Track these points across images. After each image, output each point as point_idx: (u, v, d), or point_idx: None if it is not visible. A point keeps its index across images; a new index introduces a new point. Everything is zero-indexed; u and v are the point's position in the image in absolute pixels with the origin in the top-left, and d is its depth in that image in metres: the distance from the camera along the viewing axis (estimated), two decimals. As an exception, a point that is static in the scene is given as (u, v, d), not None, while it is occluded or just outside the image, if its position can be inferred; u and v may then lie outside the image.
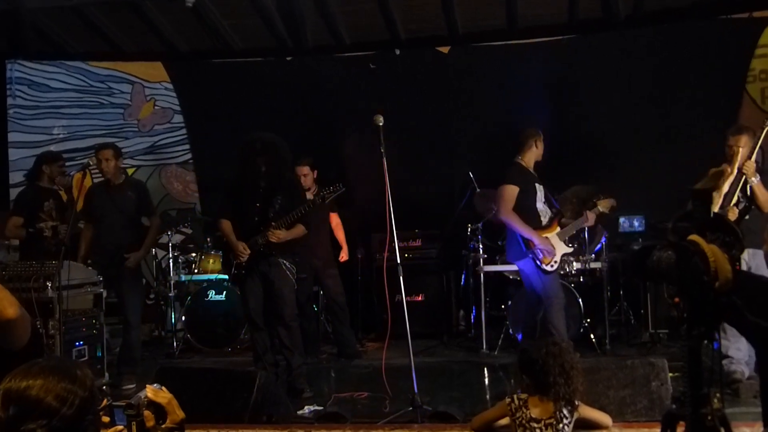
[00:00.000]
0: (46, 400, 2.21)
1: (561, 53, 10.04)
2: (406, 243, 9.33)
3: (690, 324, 2.62)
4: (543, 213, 7.24)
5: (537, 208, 7.18)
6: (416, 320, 8.04)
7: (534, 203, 7.17)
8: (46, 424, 2.20)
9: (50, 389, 2.23)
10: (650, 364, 5.22)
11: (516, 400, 4.29)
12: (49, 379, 2.25)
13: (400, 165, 7.78)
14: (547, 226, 7.21)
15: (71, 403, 2.24)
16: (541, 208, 7.23)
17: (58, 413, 2.22)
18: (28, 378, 2.25)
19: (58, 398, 2.23)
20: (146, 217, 7.90)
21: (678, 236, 2.63)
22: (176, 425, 2.43)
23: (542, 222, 7.19)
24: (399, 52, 10.52)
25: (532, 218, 7.10)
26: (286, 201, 6.80)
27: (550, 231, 7.18)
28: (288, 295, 6.81)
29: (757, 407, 5.57)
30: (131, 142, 11.13)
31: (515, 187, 7.08)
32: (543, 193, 7.32)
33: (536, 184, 7.22)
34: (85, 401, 2.29)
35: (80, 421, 2.27)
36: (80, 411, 2.26)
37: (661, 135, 9.51)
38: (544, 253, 6.99)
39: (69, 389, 2.25)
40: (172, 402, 2.44)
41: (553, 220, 7.28)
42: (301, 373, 6.84)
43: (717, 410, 2.67)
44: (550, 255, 6.99)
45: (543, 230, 7.14)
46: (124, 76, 11.20)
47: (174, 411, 2.43)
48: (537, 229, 7.09)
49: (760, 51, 9.41)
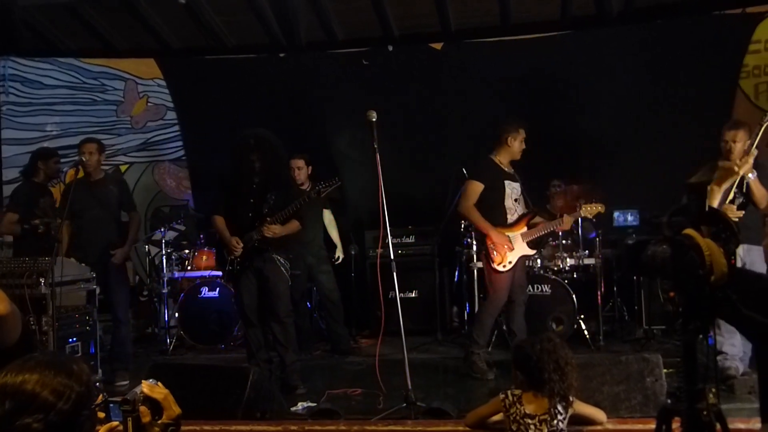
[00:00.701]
0: (42, 394, 2.19)
1: (554, 49, 10.02)
2: (400, 239, 9.32)
3: (685, 318, 2.61)
4: (511, 211, 7.24)
5: (505, 205, 7.20)
6: (410, 317, 8.06)
7: (501, 200, 7.19)
8: (42, 418, 2.18)
9: (46, 384, 2.21)
10: (645, 359, 5.22)
11: (510, 396, 4.29)
12: (45, 373, 2.23)
13: (393, 161, 7.78)
14: (512, 225, 7.22)
15: (67, 397, 2.22)
16: (510, 206, 7.24)
17: (54, 408, 2.20)
18: (24, 372, 2.23)
19: (54, 393, 2.21)
20: (125, 212, 7.91)
21: (673, 230, 2.62)
22: (172, 421, 2.41)
23: (508, 220, 7.21)
24: (392, 49, 10.50)
25: (497, 215, 7.16)
26: (280, 197, 6.78)
27: (514, 230, 7.19)
28: (282, 292, 6.80)
29: (752, 403, 5.60)
30: (124, 139, 11.12)
31: (479, 183, 7.16)
32: (517, 191, 7.31)
33: (507, 182, 7.23)
34: (82, 396, 2.27)
35: (76, 416, 2.25)
36: (76, 406, 2.24)
37: (655, 130, 9.50)
38: (497, 250, 7.01)
39: (65, 384, 2.24)
40: (168, 397, 2.43)
41: (521, 219, 7.26)
42: (295, 370, 6.83)
43: (713, 405, 2.67)
44: (503, 253, 7.01)
45: (506, 228, 7.16)
46: (117, 72, 11.17)
47: (170, 407, 2.42)
48: (500, 226, 7.12)
49: (753, 47, 9.40)
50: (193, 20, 10.13)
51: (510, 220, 7.22)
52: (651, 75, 9.67)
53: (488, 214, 7.13)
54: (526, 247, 7.21)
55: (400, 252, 8.93)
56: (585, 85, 9.76)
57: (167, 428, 2.39)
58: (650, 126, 9.58)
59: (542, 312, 8.03)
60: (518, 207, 7.31)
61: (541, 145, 9.86)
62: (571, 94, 9.83)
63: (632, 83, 9.68)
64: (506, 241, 7.06)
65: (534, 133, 9.94)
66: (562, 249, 8.42)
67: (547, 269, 8.41)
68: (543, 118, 9.75)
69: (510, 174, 7.30)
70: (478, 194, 7.14)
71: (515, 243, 7.12)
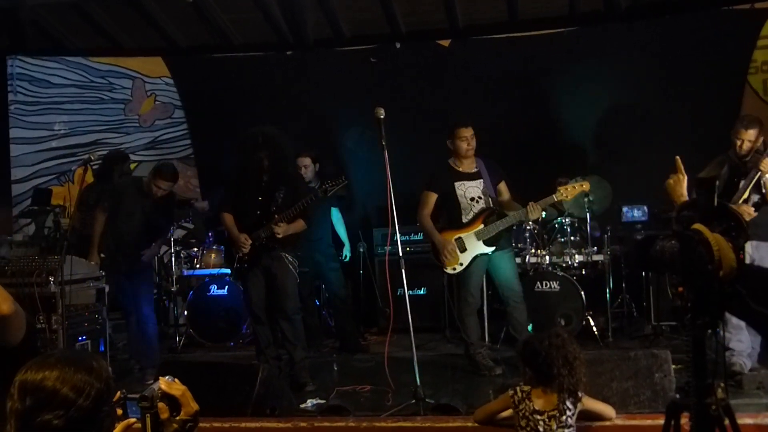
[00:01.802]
0: (63, 391, 2.21)
1: (562, 46, 10.01)
2: (408, 237, 9.31)
3: (694, 313, 2.61)
4: (466, 210, 7.22)
5: (460, 205, 7.21)
6: (418, 314, 8.04)
7: (455, 202, 7.23)
8: (62, 414, 2.20)
9: (67, 380, 2.23)
10: (653, 355, 5.21)
11: (519, 392, 4.29)
12: (66, 370, 2.25)
13: (401, 158, 7.78)
14: (467, 225, 7.19)
15: (87, 394, 2.25)
16: (465, 206, 7.22)
17: (75, 404, 2.22)
18: (44, 369, 2.25)
19: (74, 389, 2.23)
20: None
21: (682, 225, 2.62)
22: (190, 417, 2.41)
23: (463, 219, 7.21)
24: (399, 46, 10.51)
25: (454, 217, 7.22)
26: (289, 194, 6.79)
27: (468, 230, 7.16)
28: (291, 289, 6.81)
29: (760, 398, 5.60)
30: (132, 138, 11.14)
31: (431, 193, 7.29)
32: (477, 190, 7.23)
33: (459, 182, 7.23)
34: (101, 393, 2.29)
35: (96, 412, 2.27)
36: (96, 402, 2.27)
37: (663, 125, 9.47)
38: (443, 255, 7.09)
39: (85, 380, 2.26)
40: (186, 394, 2.43)
41: (477, 218, 7.19)
42: (304, 367, 6.84)
43: (721, 400, 2.67)
44: (449, 256, 7.07)
45: (459, 229, 7.17)
46: (125, 71, 11.20)
47: (188, 403, 2.41)
48: (453, 228, 7.17)
49: (762, 42, 9.38)
50: (200, 18, 10.16)
51: (465, 219, 7.20)
52: (659, 71, 9.65)
53: (447, 217, 7.27)
54: (482, 245, 7.13)
55: (408, 249, 8.91)
56: (593, 80, 9.74)
57: (185, 425, 2.39)
58: (658, 121, 9.55)
59: (551, 308, 8.02)
60: (475, 205, 7.21)
61: (550, 140, 9.88)
62: (579, 89, 9.81)
63: (640, 79, 9.66)
64: (449, 244, 7.08)
65: (542, 129, 9.96)
66: (570, 245, 8.41)
67: (556, 266, 8.39)
68: (551, 114, 9.78)
69: (465, 174, 7.28)
70: (432, 203, 7.26)
71: (468, 243, 7.11)
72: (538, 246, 8.48)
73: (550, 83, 9.85)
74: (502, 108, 9.92)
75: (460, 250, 7.11)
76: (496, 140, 8.74)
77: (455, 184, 7.22)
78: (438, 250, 7.13)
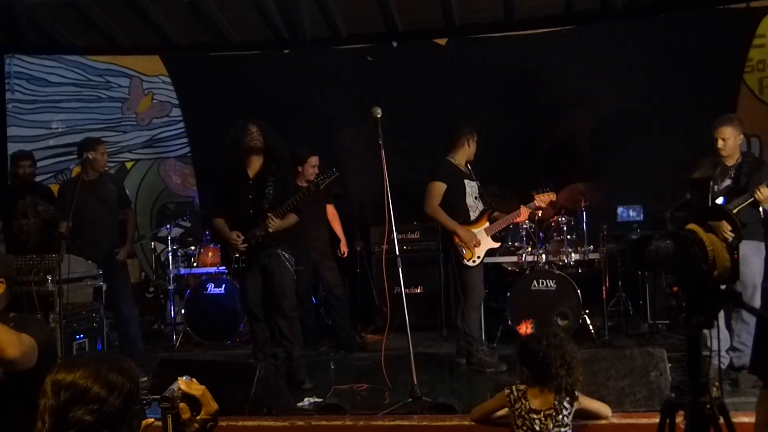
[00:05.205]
0: (95, 388, 2.25)
1: (559, 44, 10.02)
2: (405, 235, 9.31)
3: (689, 313, 2.63)
4: (473, 208, 7.42)
5: (466, 203, 7.39)
6: (415, 312, 8.04)
7: (462, 199, 7.37)
8: (95, 410, 2.24)
9: (99, 378, 2.27)
10: (649, 354, 5.22)
11: (515, 391, 4.30)
12: (98, 368, 2.30)
13: (398, 157, 7.80)
14: (476, 221, 7.39)
15: (119, 392, 2.28)
16: (471, 204, 7.42)
17: (107, 401, 2.26)
18: (78, 367, 2.29)
19: (107, 387, 2.27)
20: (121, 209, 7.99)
21: (676, 225, 2.64)
22: (211, 416, 2.43)
23: (471, 217, 7.38)
24: (396, 44, 10.51)
25: (460, 214, 7.35)
26: (278, 190, 6.81)
27: (478, 226, 7.37)
28: (287, 286, 6.83)
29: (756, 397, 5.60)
30: (130, 136, 11.14)
31: (442, 184, 7.33)
32: (476, 189, 7.51)
33: (466, 181, 7.40)
34: (131, 393, 2.33)
35: (126, 411, 2.31)
36: (127, 401, 2.31)
37: (659, 125, 9.48)
38: (467, 247, 7.14)
39: (117, 379, 2.30)
40: (206, 393, 2.44)
41: (483, 216, 7.45)
42: (301, 365, 6.86)
43: (716, 399, 2.68)
44: (472, 249, 7.17)
45: (471, 225, 7.34)
46: (122, 69, 11.18)
47: (208, 402, 2.43)
48: (465, 224, 7.28)
49: (757, 41, 9.39)
50: (197, 17, 10.17)
51: (472, 217, 7.41)
52: (655, 69, 9.65)
53: (452, 213, 7.30)
54: (491, 241, 7.40)
55: (405, 248, 8.95)
56: (589, 79, 9.75)
57: (206, 424, 2.41)
58: (654, 121, 9.56)
59: (547, 307, 8.02)
60: (478, 204, 7.51)
61: (545, 139, 9.89)
62: (575, 89, 9.82)
63: (636, 78, 9.67)
64: (473, 237, 7.21)
65: (538, 128, 9.96)
66: (566, 244, 8.42)
67: (552, 264, 8.40)
68: (547, 114, 9.77)
69: (467, 173, 7.49)
70: (442, 194, 7.32)
71: (481, 238, 7.29)
72: (534, 245, 8.50)
73: (546, 82, 9.84)
74: (498, 106, 9.93)
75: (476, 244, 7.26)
76: (492, 139, 8.74)
77: (465, 182, 7.37)
78: (464, 240, 7.19)
